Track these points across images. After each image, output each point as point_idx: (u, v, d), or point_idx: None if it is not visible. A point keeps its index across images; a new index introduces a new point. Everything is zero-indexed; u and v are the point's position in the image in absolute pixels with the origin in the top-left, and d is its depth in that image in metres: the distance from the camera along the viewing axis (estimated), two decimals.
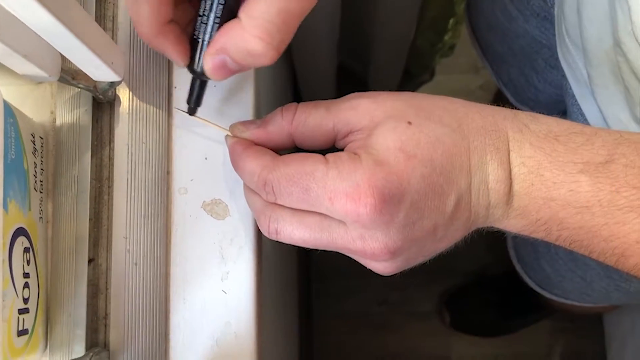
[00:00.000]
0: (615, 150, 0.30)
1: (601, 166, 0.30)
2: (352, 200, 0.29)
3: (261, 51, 0.29)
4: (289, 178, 0.31)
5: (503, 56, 0.73)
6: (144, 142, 0.38)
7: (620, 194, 0.29)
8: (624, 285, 0.60)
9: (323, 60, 0.99)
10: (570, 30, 0.49)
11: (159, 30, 0.31)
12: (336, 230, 0.31)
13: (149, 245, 0.38)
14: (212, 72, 0.32)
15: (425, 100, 0.33)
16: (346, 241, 0.31)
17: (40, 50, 0.31)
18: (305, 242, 0.32)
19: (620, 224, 0.29)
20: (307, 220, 0.32)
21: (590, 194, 0.30)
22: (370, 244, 0.31)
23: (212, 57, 0.31)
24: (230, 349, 0.38)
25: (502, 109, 0.33)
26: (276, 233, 0.33)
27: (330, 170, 0.30)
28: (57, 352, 0.36)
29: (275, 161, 0.32)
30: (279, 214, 0.32)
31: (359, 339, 1.31)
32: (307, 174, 0.30)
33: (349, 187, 0.29)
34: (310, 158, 0.31)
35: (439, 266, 1.35)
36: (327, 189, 0.30)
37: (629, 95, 0.41)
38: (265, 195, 0.32)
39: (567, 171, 0.30)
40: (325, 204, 0.30)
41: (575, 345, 1.30)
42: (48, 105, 0.39)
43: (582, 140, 0.31)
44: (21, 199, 0.34)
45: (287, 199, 0.31)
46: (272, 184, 0.31)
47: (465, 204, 0.32)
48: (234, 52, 0.30)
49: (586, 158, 0.30)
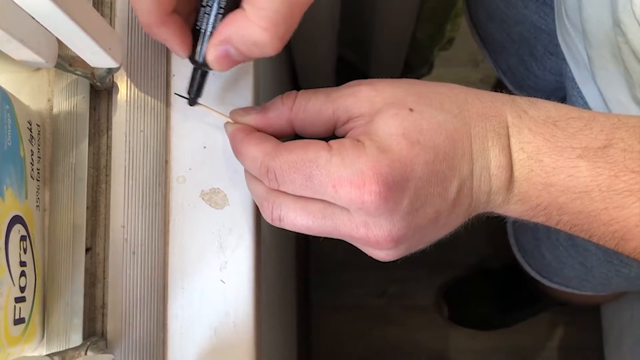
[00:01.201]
0: (614, 134, 0.30)
1: (600, 151, 0.30)
2: (357, 187, 0.29)
3: (267, 41, 0.29)
4: (292, 165, 0.31)
5: (502, 44, 0.73)
6: (142, 130, 0.38)
7: (619, 178, 0.29)
8: (624, 271, 0.60)
9: (323, 52, 0.99)
10: (569, 12, 0.49)
11: (161, 20, 0.31)
12: (340, 217, 0.31)
13: (147, 234, 0.37)
14: (216, 63, 0.32)
15: (425, 87, 0.33)
16: (350, 228, 0.31)
17: (36, 35, 0.30)
18: (308, 229, 0.32)
19: (620, 208, 0.30)
20: (310, 207, 0.32)
21: (590, 179, 0.30)
22: (375, 231, 0.31)
23: (216, 48, 0.31)
24: (228, 339, 0.37)
25: (500, 95, 0.33)
26: (279, 220, 0.33)
27: (333, 157, 0.30)
28: (55, 341, 0.36)
29: (277, 148, 0.32)
30: (282, 200, 0.32)
31: (357, 331, 1.32)
32: (310, 161, 0.30)
33: (353, 174, 0.29)
34: (313, 145, 0.31)
35: (438, 259, 1.36)
36: (330, 176, 0.30)
37: (628, 76, 0.41)
38: (268, 182, 0.32)
39: (566, 156, 0.30)
40: (328, 191, 0.30)
41: (573, 338, 1.31)
42: (45, 93, 0.39)
43: (580, 125, 0.31)
44: (18, 187, 0.34)
45: (290, 186, 0.31)
46: (274, 170, 0.31)
47: (467, 190, 0.32)
48: (239, 43, 0.30)
49: (585, 143, 0.30)
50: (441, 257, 1.32)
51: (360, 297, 1.33)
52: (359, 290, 1.33)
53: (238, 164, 0.37)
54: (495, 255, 1.31)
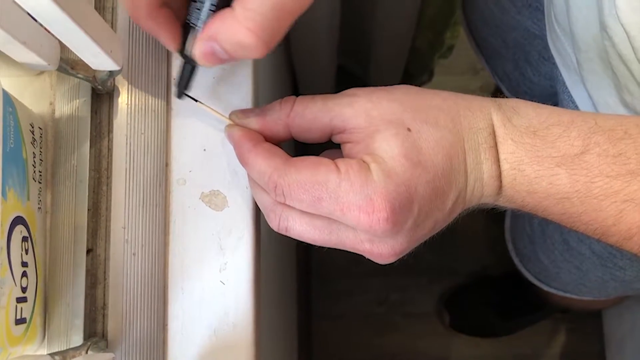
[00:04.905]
0: (590, 139, 0.31)
1: (577, 158, 0.31)
2: (366, 213, 0.30)
3: (251, 44, 0.30)
4: (301, 185, 0.31)
5: (498, 50, 0.73)
6: (143, 133, 0.38)
7: (594, 183, 0.31)
8: (619, 274, 0.61)
9: (323, 62, 1.00)
10: (558, 17, 0.50)
11: (149, 13, 0.32)
12: (345, 233, 0.33)
13: (148, 236, 0.38)
14: (201, 59, 0.32)
15: (419, 99, 0.34)
16: (354, 243, 0.33)
17: (39, 38, 0.31)
18: (314, 241, 0.34)
19: (597, 211, 0.31)
20: (316, 222, 0.33)
21: (568, 185, 0.31)
22: (379, 247, 0.32)
23: (202, 44, 0.31)
24: (228, 339, 0.38)
25: (487, 102, 0.34)
26: (286, 230, 0.34)
27: (343, 182, 0.31)
28: (55, 342, 0.36)
29: (286, 165, 0.32)
30: (289, 214, 0.33)
31: (358, 338, 1.31)
32: (320, 183, 0.31)
33: (362, 200, 0.30)
34: (323, 166, 0.32)
35: (439, 267, 1.36)
36: (339, 200, 0.31)
37: (616, 79, 0.42)
38: (275, 197, 0.33)
39: (546, 165, 0.32)
40: (336, 214, 0.31)
41: (575, 346, 1.30)
42: (47, 96, 0.40)
43: (559, 132, 0.32)
44: (20, 188, 0.35)
45: (297, 204, 0.32)
46: (282, 188, 0.32)
47: (461, 199, 0.33)
48: (224, 41, 0.30)
49: (563, 151, 0.32)
50: (442, 265, 1.32)
51: (361, 305, 1.33)
52: (360, 297, 1.33)
53: (237, 166, 0.38)
54: (496, 263, 1.31)
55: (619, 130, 0.31)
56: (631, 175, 0.30)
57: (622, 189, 0.30)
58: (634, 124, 0.31)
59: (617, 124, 0.32)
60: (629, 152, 0.30)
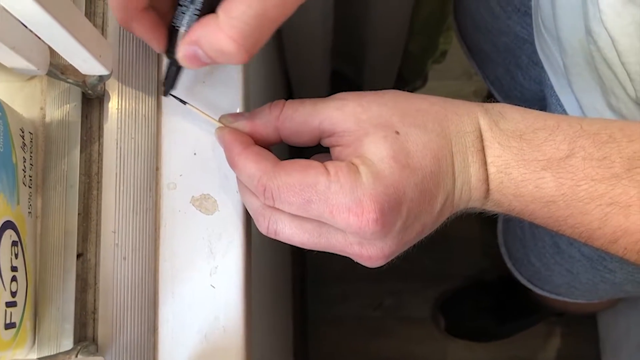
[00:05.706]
0: (575, 143, 0.32)
1: (562, 161, 0.31)
2: (355, 215, 0.30)
3: (233, 51, 0.30)
4: (290, 188, 0.31)
5: (489, 55, 0.74)
6: (133, 137, 0.39)
7: (580, 187, 0.31)
8: (609, 276, 0.61)
9: (317, 66, 1.00)
10: (545, 21, 0.51)
11: (133, 16, 0.32)
12: (334, 236, 0.33)
13: (138, 240, 0.38)
14: (184, 61, 0.33)
15: (408, 104, 0.34)
16: (344, 245, 0.33)
17: (28, 43, 0.31)
18: (303, 244, 0.34)
19: (582, 214, 0.32)
20: (305, 225, 0.33)
21: (554, 189, 0.32)
22: (368, 250, 0.33)
23: (186, 48, 0.32)
24: (218, 343, 0.38)
25: (474, 106, 0.35)
26: (275, 234, 0.34)
27: (332, 184, 0.31)
28: (45, 346, 0.36)
29: (275, 168, 0.32)
30: (278, 217, 0.33)
31: (353, 343, 1.31)
32: (309, 186, 0.31)
33: (351, 202, 0.31)
34: (312, 169, 0.32)
35: (434, 271, 1.36)
36: (328, 202, 0.31)
37: (602, 83, 0.42)
38: (264, 200, 0.33)
39: (532, 169, 0.32)
40: (325, 216, 0.31)
41: (570, 349, 1.30)
42: (38, 101, 0.40)
43: (545, 136, 0.32)
44: (9, 193, 0.35)
45: (287, 207, 0.32)
46: (271, 191, 0.32)
47: (449, 202, 0.34)
48: (206, 47, 0.31)
49: (549, 154, 0.32)
50: (437, 269, 1.32)
51: (356, 309, 1.33)
52: (355, 302, 1.33)
53: (228, 170, 0.38)
54: (491, 267, 1.31)
55: (604, 134, 0.31)
56: (615, 178, 0.30)
57: (607, 192, 0.31)
58: (618, 128, 0.32)
59: (602, 127, 0.32)
60: (613, 155, 0.31)
